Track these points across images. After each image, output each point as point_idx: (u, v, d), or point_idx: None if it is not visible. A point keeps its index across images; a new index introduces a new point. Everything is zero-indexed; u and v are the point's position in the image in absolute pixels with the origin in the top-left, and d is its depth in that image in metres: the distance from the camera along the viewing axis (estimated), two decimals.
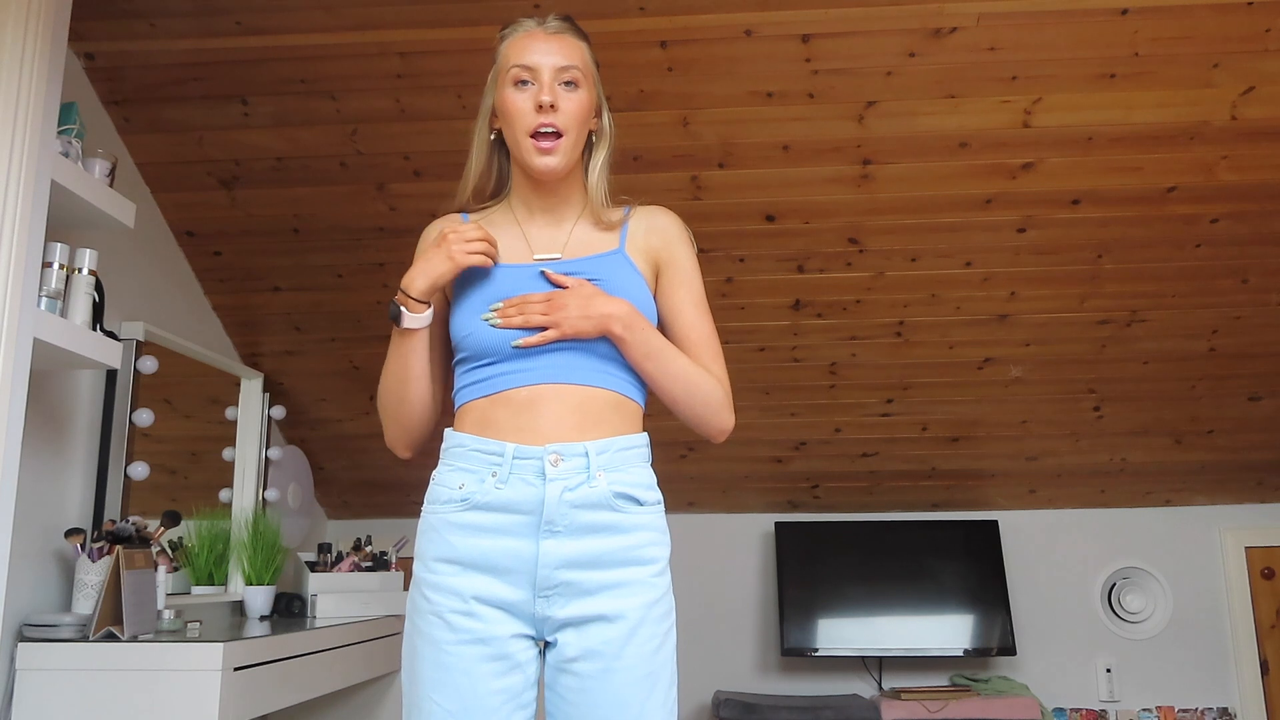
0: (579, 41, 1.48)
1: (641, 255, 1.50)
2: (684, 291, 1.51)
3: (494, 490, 1.36)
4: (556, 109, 1.42)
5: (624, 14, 2.37)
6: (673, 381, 1.45)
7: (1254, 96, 2.54)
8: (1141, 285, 3.06)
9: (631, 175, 2.72)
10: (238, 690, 2.22)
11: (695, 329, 1.50)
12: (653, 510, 1.43)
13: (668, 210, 1.57)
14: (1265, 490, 3.84)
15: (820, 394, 3.49)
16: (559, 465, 1.36)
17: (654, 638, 1.36)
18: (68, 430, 2.50)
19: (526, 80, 1.43)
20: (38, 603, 2.35)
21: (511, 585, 1.36)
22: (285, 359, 3.39)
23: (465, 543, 1.37)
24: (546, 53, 1.43)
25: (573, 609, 1.36)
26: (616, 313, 1.41)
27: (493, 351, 1.41)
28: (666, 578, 1.42)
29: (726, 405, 1.48)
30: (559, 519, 1.35)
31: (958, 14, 2.36)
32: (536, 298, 1.41)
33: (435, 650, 1.35)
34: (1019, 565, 3.87)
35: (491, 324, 1.41)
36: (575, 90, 1.44)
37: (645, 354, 1.43)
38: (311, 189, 2.84)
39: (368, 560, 3.37)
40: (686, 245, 1.54)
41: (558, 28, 1.46)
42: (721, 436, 1.51)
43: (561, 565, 1.35)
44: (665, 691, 1.37)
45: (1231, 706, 3.77)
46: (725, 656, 3.87)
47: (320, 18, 2.38)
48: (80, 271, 2.09)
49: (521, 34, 1.46)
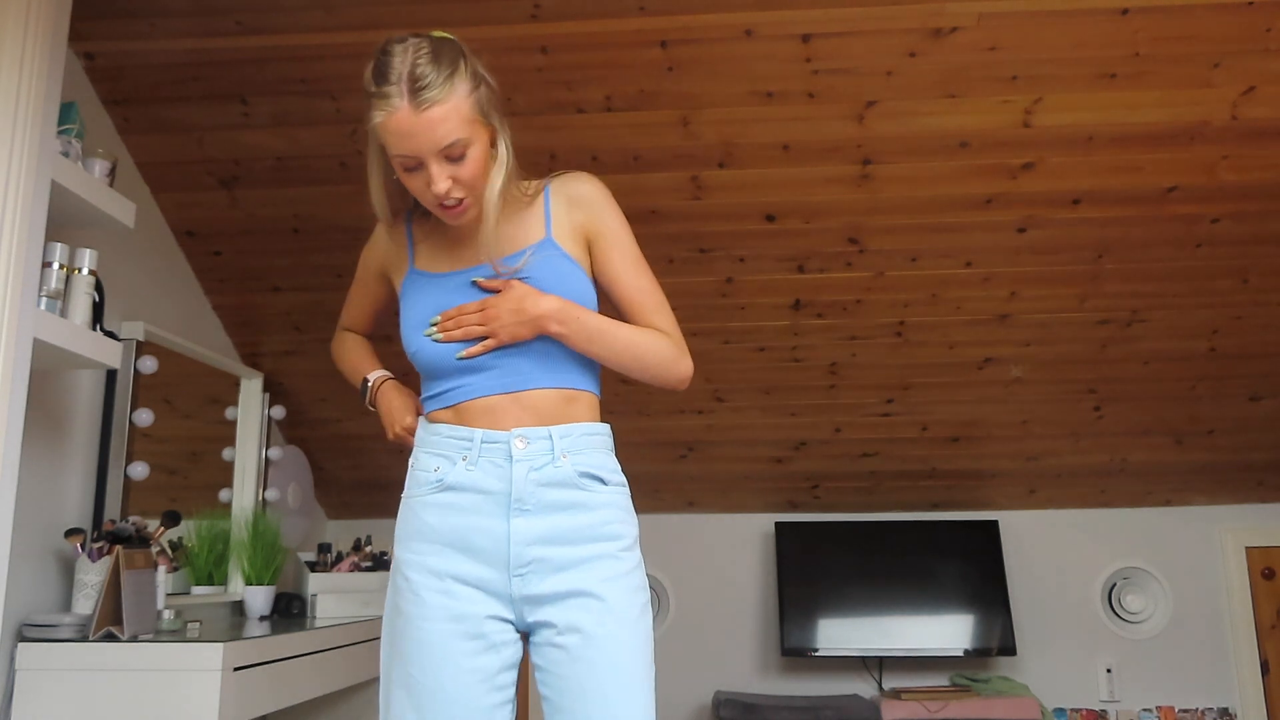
0: (454, 93, 1.34)
1: (569, 235, 1.51)
2: (616, 255, 1.52)
3: (465, 472, 1.43)
4: (452, 186, 1.38)
5: (624, 14, 2.37)
6: (619, 355, 1.50)
7: (1254, 96, 2.53)
8: (1142, 285, 3.06)
9: (632, 175, 2.73)
10: (238, 690, 2.22)
11: (635, 289, 1.53)
12: (617, 490, 1.49)
13: (583, 175, 1.55)
14: (1265, 490, 3.84)
15: (820, 394, 3.49)
16: (525, 447, 1.42)
17: (631, 608, 1.42)
18: (68, 430, 2.50)
19: (414, 166, 1.38)
20: (38, 603, 2.35)
21: (486, 565, 1.41)
22: (285, 359, 3.39)
23: (441, 522, 1.43)
24: (423, 140, 1.34)
25: (548, 585, 1.41)
26: (549, 311, 1.44)
27: (441, 368, 1.48)
28: (636, 554, 1.48)
29: (678, 355, 1.53)
30: (527, 497, 1.41)
31: (958, 14, 2.36)
32: (471, 308, 1.45)
33: (412, 626, 1.40)
34: (1019, 565, 3.87)
35: (434, 339, 1.46)
36: (465, 153, 1.37)
37: (587, 340, 1.47)
38: (311, 189, 2.84)
39: (367, 560, 3.38)
40: (609, 207, 1.53)
41: (429, 98, 1.32)
42: (683, 385, 1.56)
43: (532, 542, 1.41)
44: (645, 661, 1.42)
45: (1232, 706, 3.76)
46: (725, 656, 3.87)
47: (320, 18, 2.38)
48: (80, 271, 2.09)
49: (389, 117, 1.33)
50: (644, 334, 1.51)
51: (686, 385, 1.56)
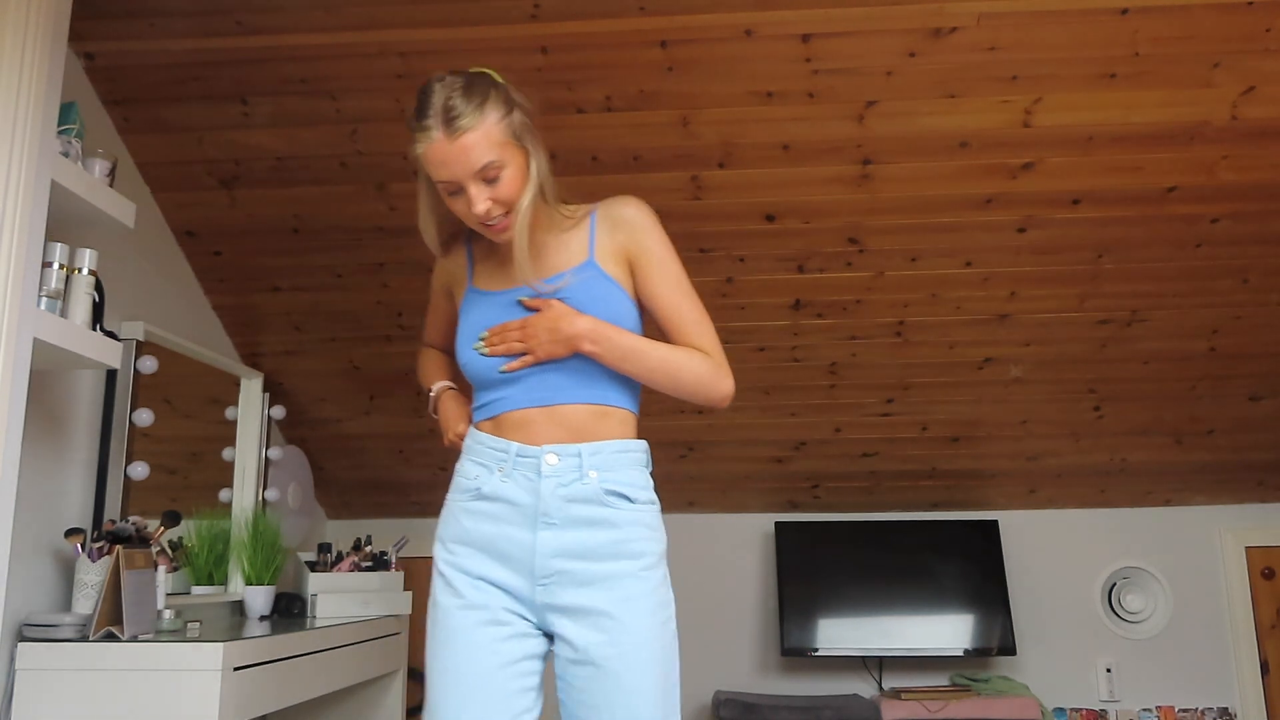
0: (485, 120, 1.46)
1: (611, 257, 1.59)
2: (658, 277, 1.59)
3: (499, 484, 1.53)
4: (492, 206, 1.49)
5: (624, 14, 2.37)
6: (653, 374, 1.57)
7: (1254, 96, 2.54)
8: (1141, 285, 3.06)
9: (632, 175, 2.73)
10: (238, 690, 2.22)
11: (677, 310, 1.60)
12: (645, 509, 1.55)
13: (629, 198, 1.63)
14: (1265, 490, 3.84)
15: (820, 394, 3.49)
16: (555, 463, 1.51)
17: (651, 628, 1.48)
18: (68, 430, 2.50)
19: (455, 190, 1.49)
20: (38, 603, 2.35)
21: (513, 571, 1.51)
22: (285, 359, 3.40)
23: (475, 528, 1.53)
24: (460, 164, 1.46)
25: (569, 597, 1.49)
26: (583, 331, 1.52)
27: (485, 380, 1.58)
28: (660, 571, 1.53)
29: (717, 375, 1.59)
30: (554, 512, 1.50)
31: (958, 14, 2.36)
32: (513, 325, 1.55)
33: (444, 615, 1.52)
34: (1019, 565, 3.88)
35: (481, 353, 1.57)
36: (500, 175, 1.48)
37: (620, 358, 1.55)
38: (311, 189, 2.84)
39: (368, 560, 3.37)
40: (651, 230, 1.60)
41: (462, 125, 1.44)
42: (724, 403, 1.62)
43: (556, 554, 1.49)
44: (660, 678, 1.48)
45: (1231, 706, 3.77)
46: (725, 656, 3.87)
47: (320, 18, 2.38)
48: (80, 271, 2.09)
49: (429, 147, 1.46)
50: (680, 353, 1.58)
51: (728, 403, 1.62)
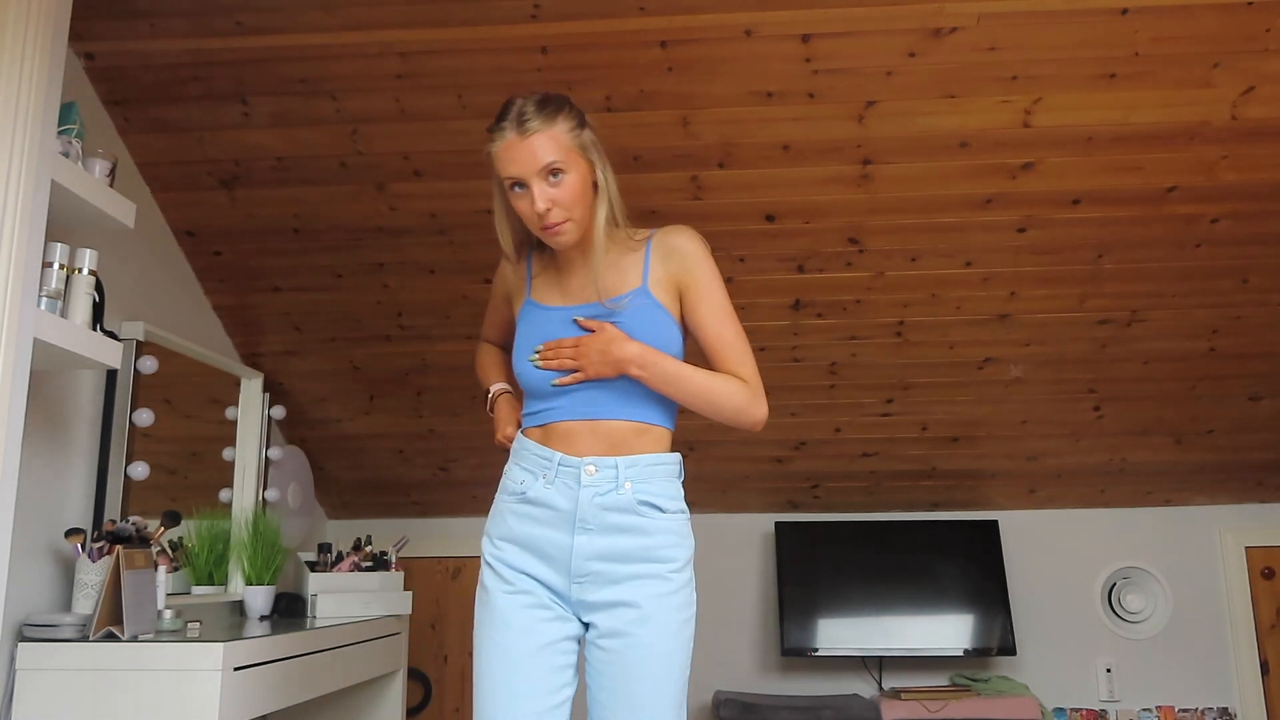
0: (554, 127, 1.58)
1: (662, 285, 1.69)
2: (704, 306, 1.71)
3: (543, 490, 1.65)
4: (552, 207, 1.59)
5: (624, 14, 2.37)
6: (694, 398, 1.69)
7: (1254, 96, 2.54)
8: (1141, 285, 3.06)
9: (632, 175, 2.72)
10: (238, 690, 2.22)
11: (718, 338, 1.72)
12: (675, 518, 1.69)
13: (683, 229, 1.73)
14: (1265, 490, 3.84)
15: (820, 394, 3.49)
16: (593, 474, 1.63)
17: (671, 623, 1.62)
18: (68, 430, 2.50)
19: (520, 186, 1.60)
20: (38, 603, 2.35)
21: (553, 569, 1.64)
22: (285, 359, 3.40)
23: (520, 528, 1.66)
24: (526, 161, 1.57)
25: (602, 594, 1.62)
26: (631, 356, 1.63)
27: (537, 390, 1.69)
28: (685, 574, 1.68)
29: (751, 402, 1.72)
30: (590, 518, 1.62)
31: (958, 14, 2.36)
32: (568, 342, 1.66)
33: (490, 597, 1.65)
34: (1019, 565, 3.88)
35: (536, 365, 1.68)
36: (563, 176, 1.59)
37: (664, 383, 1.66)
38: (311, 189, 2.84)
39: (368, 560, 3.37)
40: (702, 261, 1.71)
41: (532, 128, 1.56)
42: (757, 428, 1.75)
43: (591, 557, 1.62)
44: (677, 670, 1.62)
45: (1231, 706, 3.77)
46: (725, 656, 3.87)
47: (320, 18, 2.38)
48: (80, 271, 2.09)
49: (502, 145, 1.58)
50: (720, 380, 1.70)
51: (761, 428, 1.74)
